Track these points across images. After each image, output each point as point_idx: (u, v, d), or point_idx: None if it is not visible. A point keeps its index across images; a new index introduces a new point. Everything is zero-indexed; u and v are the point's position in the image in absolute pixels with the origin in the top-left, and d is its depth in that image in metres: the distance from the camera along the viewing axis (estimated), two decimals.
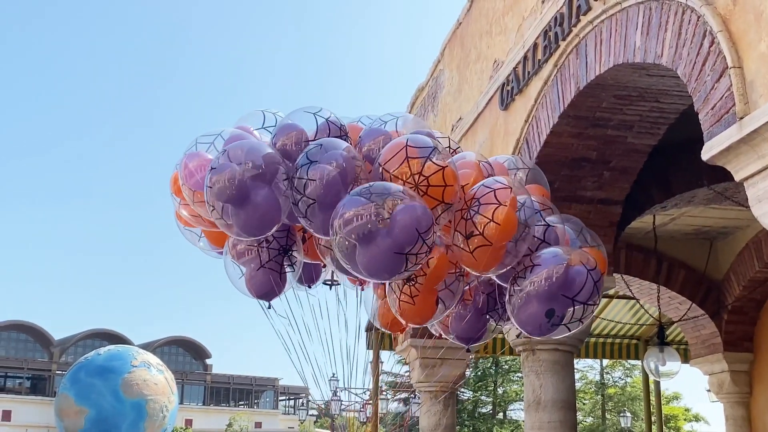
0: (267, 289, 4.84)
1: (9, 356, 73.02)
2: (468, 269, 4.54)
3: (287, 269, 4.93)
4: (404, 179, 4.21)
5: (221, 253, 5.10)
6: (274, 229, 4.52)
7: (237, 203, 4.29)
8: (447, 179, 4.26)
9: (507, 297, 4.65)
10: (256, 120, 5.04)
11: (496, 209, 4.27)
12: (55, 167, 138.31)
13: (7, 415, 67.09)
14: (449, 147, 4.83)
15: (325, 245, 4.75)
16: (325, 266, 5.26)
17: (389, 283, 4.63)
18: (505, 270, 4.51)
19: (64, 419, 3.33)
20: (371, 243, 4.00)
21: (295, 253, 4.91)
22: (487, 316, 5.08)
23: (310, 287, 5.29)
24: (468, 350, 5.32)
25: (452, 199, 4.27)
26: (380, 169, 4.32)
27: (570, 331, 4.65)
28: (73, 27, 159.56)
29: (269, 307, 4.94)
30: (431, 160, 4.23)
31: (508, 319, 4.75)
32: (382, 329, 5.50)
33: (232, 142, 4.63)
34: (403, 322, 4.76)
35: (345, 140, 4.65)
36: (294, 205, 4.37)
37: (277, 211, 4.40)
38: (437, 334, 5.43)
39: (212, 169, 4.36)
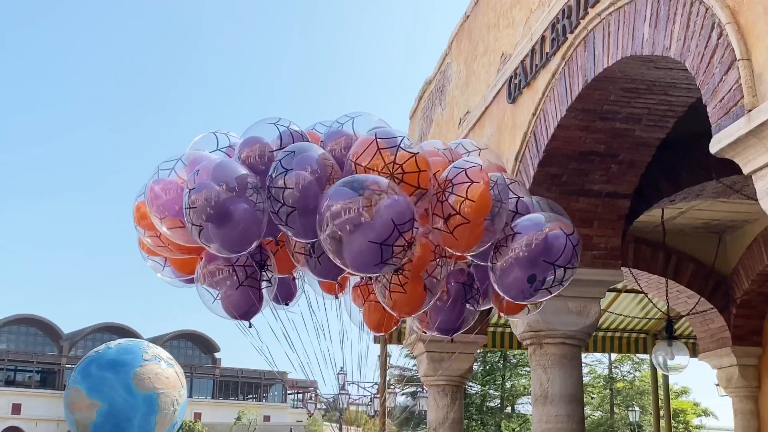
0: (247, 307, 4.88)
1: (19, 350, 73.34)
2: (451, 251, 4.61)
3: (264, 285, 4.97)
4: (378, 170, 4.27)
5: (186, 281, 5.13)
6: (255, 244, 4.54)
7: (217, 222, 4.32)
8: (420, 165, 4.40)
9: (489, 265, 4.77)
10: (209, 143, 5.04)
11: (469, 187, 4.40)
12: (62, 159, 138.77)
13: (17, 409, 67.41)
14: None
15: (299, 251, 4.78)
16: (294, 279, 5.28)
17: (377, 278, 4.65)
18: (485, 247, 4.62)
19: (75, 412, 3.33)
20: (357, 234, 4.06)
21: (270, 268, 4.93)
22: (466, 305, 5.16)
23: (287, 305, 5.31)
24: (452, 340, 5.43)
25: (427, 184, 4.38)
26: (352, 165, 4.39)
27: (551, 294, 4.81)
28: (82, 26, 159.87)
29: (250, 326, 4.96)
30: (402, 149, 4.32)
31: (485, 303, 4.92)
32: (373, 333, 5.50)
33: (193, 165, 4.65)
34: (395, 314, 4.79)
35: None
36: (273, 214, 4.40)
37: (257, 226, 4.46)
38: (421, 332, 5.47)
39: (190, 189, 4.39)
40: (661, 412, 13.72)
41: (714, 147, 4.15)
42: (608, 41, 5.50)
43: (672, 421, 17.12)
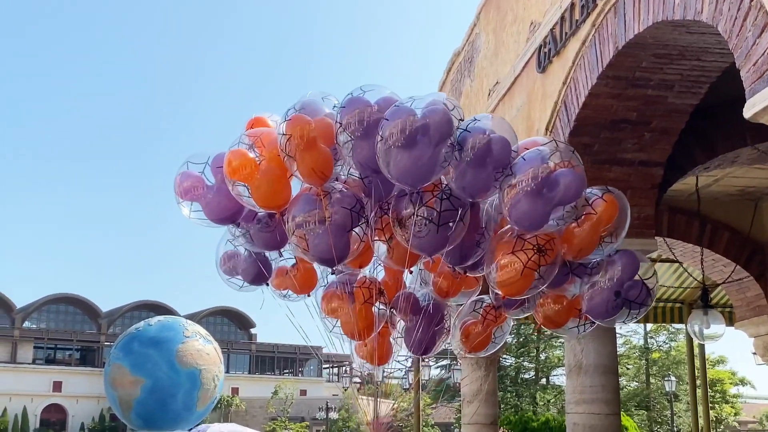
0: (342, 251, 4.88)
1: (58, 328, 74.59)
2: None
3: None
4: None
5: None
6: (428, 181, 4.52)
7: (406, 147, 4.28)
8: None
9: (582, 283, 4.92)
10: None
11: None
12: (92, 135, 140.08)
13: (57, 386, 68.65)
14: None
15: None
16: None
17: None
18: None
19: (118, 389, 3.36)
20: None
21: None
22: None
23: (267, 285, 5.35)
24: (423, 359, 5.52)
25: None
26: None
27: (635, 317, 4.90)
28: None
29: (333, 273, 5.05)
30: None
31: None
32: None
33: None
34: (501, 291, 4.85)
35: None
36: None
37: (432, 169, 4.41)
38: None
39: (384, 120, 4.36)
40: (698, 382, 13.63)
41: (748, 112, 4.08)
42: (639, 6, 5.41)
43: (709, 390, 17.01)
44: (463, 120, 4.54)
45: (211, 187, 5.07)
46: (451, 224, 4.56)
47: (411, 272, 5.09)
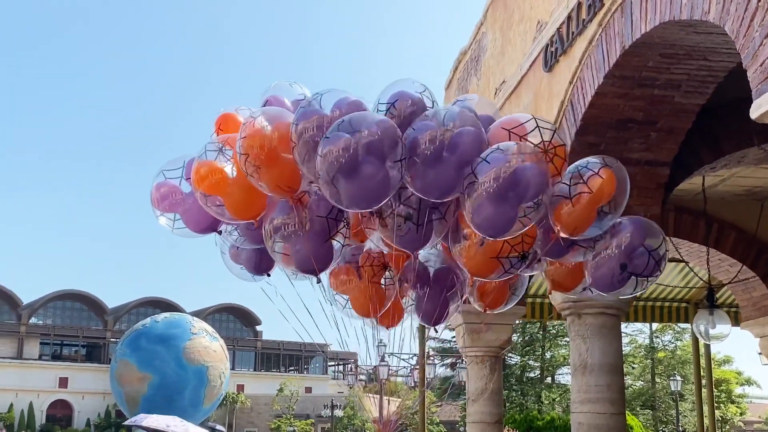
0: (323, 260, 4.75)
1: (65, 325, 74.71)
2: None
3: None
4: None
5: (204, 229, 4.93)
6: (383, 202, 4.32)
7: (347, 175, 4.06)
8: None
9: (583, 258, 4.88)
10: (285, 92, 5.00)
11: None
12: (101, 132, 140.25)
13: (63, 382, 68.75)
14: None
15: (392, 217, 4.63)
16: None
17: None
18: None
19: (125, 385, 3.37)
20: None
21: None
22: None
23: (269, 275, 5.19)
24: (436, 330, 5.41)
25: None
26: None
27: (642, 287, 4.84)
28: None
29: (319, 282, 4.83)
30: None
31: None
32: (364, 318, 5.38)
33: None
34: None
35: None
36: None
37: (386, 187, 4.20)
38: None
39: (325, 138, 4.13)
40: (703, 382, 13.62)
41: (754, 113, 4.07)
42: (646, 6, 5.40)
43: (714, 390, 16.97)
44: (434, 104, 4.47)
45: (188, 196, 4.81)
46: (433, 221, 4.48)
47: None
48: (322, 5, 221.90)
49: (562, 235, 4.57)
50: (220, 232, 4.90)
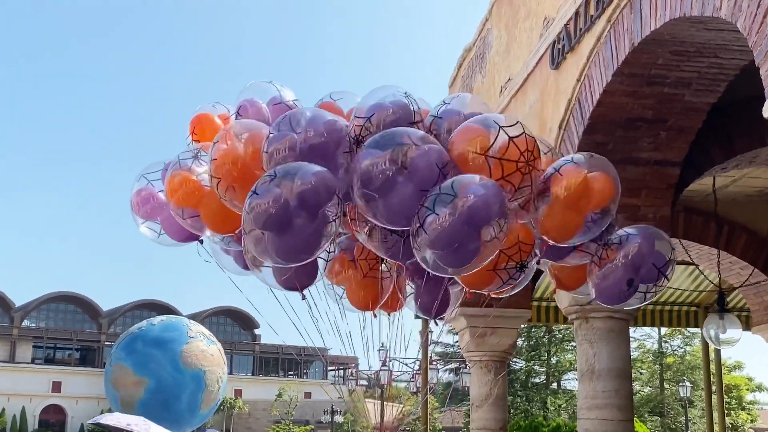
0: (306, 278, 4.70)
1: (58, 327, 74.73)
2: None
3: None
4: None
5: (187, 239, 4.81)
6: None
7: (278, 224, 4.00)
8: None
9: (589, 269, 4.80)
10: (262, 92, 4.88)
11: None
12: (92, 134, 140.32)
13: (57, 387, 68.78)
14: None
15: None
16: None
17: None
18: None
19: (120, 389, 3.37)
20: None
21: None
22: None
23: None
24: (436, 323, 5.32)
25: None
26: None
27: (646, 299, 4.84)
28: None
29: (304, 298, 4.72)
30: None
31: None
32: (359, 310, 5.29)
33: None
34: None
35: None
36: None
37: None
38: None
39: (253, 193, 4.00)
40: (713, 388, 13.61)
41: (767, 111, 4.07)
42: (656, 2, 5.40)
43: (725, 396, 16.96)
44: (417, 110, 4.34)
45: (168, 203, 4.65)
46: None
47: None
48: (322, 3, 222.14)
49: (550, 242, 4.53)
50: (201, 242, 4.80)
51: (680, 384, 36.74)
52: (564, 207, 4.34)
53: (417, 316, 10.88)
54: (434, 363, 31.08)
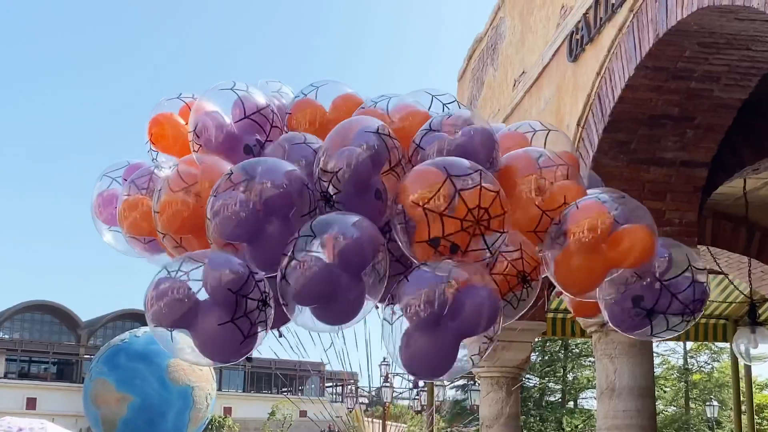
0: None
1: (33, 339, 74.71)
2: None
3: None
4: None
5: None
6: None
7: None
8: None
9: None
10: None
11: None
12: (71, 135, 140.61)
13: (31, 403, 68.73)
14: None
15: None
16: None
17: None
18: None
19: (101, 407, 3.36)
20: None
21: None
22: None
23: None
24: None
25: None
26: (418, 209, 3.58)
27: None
28: None
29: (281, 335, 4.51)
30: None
31: None
32: None
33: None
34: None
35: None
36: None
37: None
38: None
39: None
40: (743, 407, 13.60)
41: None
42: None
43: (755, 417, 16.94)
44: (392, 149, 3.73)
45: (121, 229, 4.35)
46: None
47: None
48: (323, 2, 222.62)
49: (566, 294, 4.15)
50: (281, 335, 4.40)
51: (707, 403, 36.67)
52: (581, 252, 3.83)
53: None
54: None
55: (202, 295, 3.48)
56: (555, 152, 4.08)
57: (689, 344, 40.73)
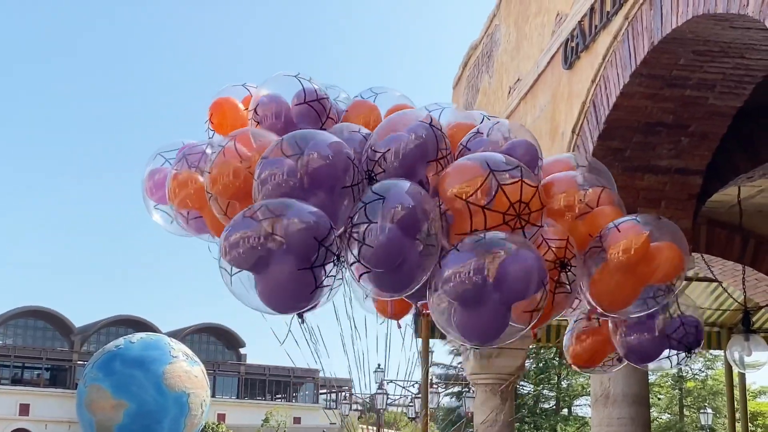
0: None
1: (26, 345, 74.52)
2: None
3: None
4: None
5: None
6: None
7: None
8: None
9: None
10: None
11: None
12: (68, 143, 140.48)
13: (24, 410, 68.53)
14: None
15: None
16: None
17: None
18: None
19: (97, 413, 3.34)
20: None
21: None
22: None
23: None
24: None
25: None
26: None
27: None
28: None
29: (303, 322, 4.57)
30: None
31: None
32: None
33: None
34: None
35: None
36: None
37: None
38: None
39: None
40: (737, 415, 13.60)
41: None
42: None
43: (749, 424, 16.95)
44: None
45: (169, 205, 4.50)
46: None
47: None
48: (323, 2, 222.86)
49: (598, 309, 4.22)
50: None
51: (701, 411, 36.69)
52: (619, 271, 4.00)
53: (417, 335, 10.90)
54: (435, 386, 31.05)
55: (275, 243, 3.58)
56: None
57: None
